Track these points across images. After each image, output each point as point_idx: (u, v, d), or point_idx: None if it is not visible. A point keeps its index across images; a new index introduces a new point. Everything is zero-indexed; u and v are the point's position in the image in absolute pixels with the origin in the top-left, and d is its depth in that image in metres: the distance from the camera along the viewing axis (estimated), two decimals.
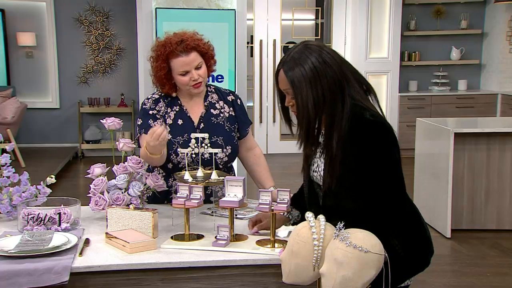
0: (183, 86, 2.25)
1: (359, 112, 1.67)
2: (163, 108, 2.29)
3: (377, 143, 1.65)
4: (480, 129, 4.46)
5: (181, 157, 2.24)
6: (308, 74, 1.66)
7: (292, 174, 6.84)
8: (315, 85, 1.66)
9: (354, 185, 1.67)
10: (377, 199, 1.66)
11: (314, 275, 1.62)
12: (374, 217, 1.66)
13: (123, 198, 2.10)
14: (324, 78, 1.66)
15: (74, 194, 2.38)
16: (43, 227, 1.94)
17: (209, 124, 2.30)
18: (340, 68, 1.69)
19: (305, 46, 1.71)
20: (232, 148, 2.33)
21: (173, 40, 2.21)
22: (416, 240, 1.77)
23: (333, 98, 1.67)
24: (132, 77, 7.37)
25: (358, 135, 1.66)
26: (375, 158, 1.65)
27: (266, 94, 7.81)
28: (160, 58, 2.22)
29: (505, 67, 7.26)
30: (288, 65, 1.70)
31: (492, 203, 4.49)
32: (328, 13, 7.81)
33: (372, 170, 1.65)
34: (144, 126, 2.26)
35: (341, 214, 1.68)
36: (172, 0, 4.67)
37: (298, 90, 1.67)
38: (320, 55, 1.68)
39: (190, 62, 2.20)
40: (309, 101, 1.66)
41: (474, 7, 7.51)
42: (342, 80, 1.69)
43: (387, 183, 1.66)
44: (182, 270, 1.74)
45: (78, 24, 7.48)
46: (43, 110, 7.57)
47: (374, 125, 1.66)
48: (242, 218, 2.14)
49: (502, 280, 3.65)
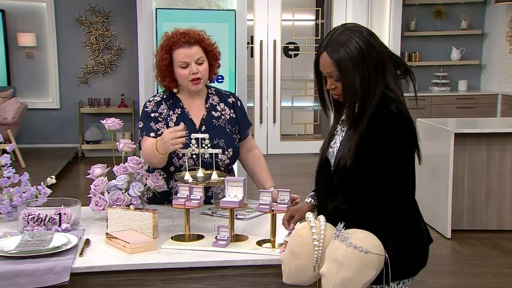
0: (182, 80, 2.24)
1: (386, 101, 1.67)
2: (165, 111, 2.28)
3: (393, 137, 1.65)
4: (480, 129, 4.46)
5: (183, 160, 2.23)
6: (354, 54, 1.65)
7: (292, 175, 6.84)
8: (362, 66, 1.66)
9: (363, 170, 1.65)
10: (380, 190, 1.64)
11: (314, 275, 1.62)
12: (374, 207, 1.65)
13: (124, 198, 2.10)
14: (369, 59, 1.66)
15: (74, 195, 2.38)
16: (43, 228, 1.94)
17: (211, 126, 2.30)
18: (381, 49, 1.70)
19: (345, 28, 1.71)
20: (233, 150, 2.33)
21: (178, 32, 2.25)
22: (410, 246, 1.72)
23: (376, 79, 1.68)
24: (132, 78, 7.37)
25: (378, 124, 1.65)
26: (388, 151, 1.64)
27: (266, 94, 7.81)
28: (164, 49, 2.23)
29: (505, 67, 7.26)
30: (332, 47, 1.68)
31: (492, 204, 4.49)
32: (328, 14, 7.81)
33: (382, 161, 1.64)
34: (146, 128, 2.25)
35: (345, 196, 1.68)
36: (172, 1, 4.67)
37: (345, 71, 1.66)
38: (362, 35, 1.68)
39: (192, 54, 2.21)
40: (356, 81, 1.65)
41: (475, 7, 7.51)
42: (384, 61, 1.70)
43: (393, 178, 1.65)
44: (183, 270, 1.74)
45: (78, 24, 7.48)
46: (44, 110, 7.57)
47: (395, 118, 1.65)
48: (242, 219, 2.14)
49: (503, 281, 3.65)
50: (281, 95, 7.84)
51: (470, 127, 4.57)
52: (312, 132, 8.44)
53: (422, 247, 1.76)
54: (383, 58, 1.70)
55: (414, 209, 1.77)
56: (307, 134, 8.16)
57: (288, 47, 7.96)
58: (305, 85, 8.12)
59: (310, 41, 7.99)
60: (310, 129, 8.37)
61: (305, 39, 7.91)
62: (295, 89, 7.98)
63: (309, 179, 6.91)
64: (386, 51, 1.73)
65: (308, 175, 8.24)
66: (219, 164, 2.27)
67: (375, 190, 1.65)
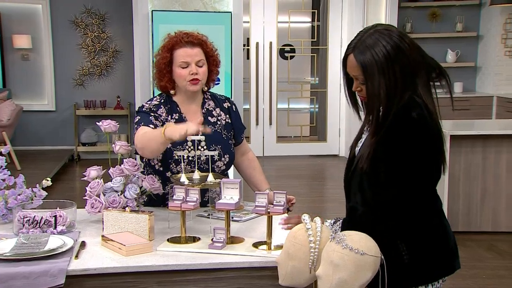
0: (181, 81, 2.23)
1: (409, 106, 1.61)
2: (164, 114, 2.26)
3: (410, 143, 1.59)
4: (476, 131, 4.48)
5: (180, 167, 2.20)
6: (381, 59, 1.59)
7: (288, 176, 6.85)
8: (388, 72, 1.59)
9: (378, 174, 1.62)
10: (394, 196, 1.61)
11: (310, 277, 1.62)
12: (384, 210, 1.63)
13: (119, 200, 2.10)
14: (397, 65, 1.60)
15: (70, 197, 2.37)
16: (38, 230, 1.93)
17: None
18: (411, 53, 1.62)
19: (375, 30, 1.64)
20: (229, 156, 2.33)
21: (181, 32, 2.26)
22: (428, 251, 1.67)
23: (403, 87, 1.61)
24: (128, 80, 7.36)
25: (397, 129, 1.60)
26: (403, 157, 1.59)
27: (262, 96, 7.81)
28: (165, 48, 2.24)
29: (500, 69, 7.28)
30: (358, 49, 1.63)
31: (488, 205, 4.50)
32: (324, 16, 7.82)
33: (397, 166, 1.60)
34: (144, 120, 2.20)
35: (361, 197, 1.67)
36: (168, 3, 4.67)
37: (370, 76, 1.61)
38: (391, 39, 1.61)
39: (193, 55, 2.21)
40: (381, 88, 1.59)
41: (470, 10, 7.54)
42: (414, 67, 1.62)
43: (407, 184, 1.61)
44: (179, 272, 1.74)
45: (74, 26, 7.47)
46: (39, 112, 7.55)
47: (414, 124, 1.60)
48: (238, 221, 2.14)
49: (499, 283, 3.66)
50: (277, 97, 7.85)
51: (466, 129, 4.58)
52: (308, 134, 8.45)
53: (440, 253, 1.70)
54: (412, 64, 1.62)
55: (433, 215, 1.72)
56: (303, 136, 8.16)
57: (284, 49, 7.97)
58: (301, 87, 8.13)
59: (306, 43, 8.00)
60: (306, 131, 8.38)
61: (301, 41, 7.92)
62: (291, 91, 7.99)
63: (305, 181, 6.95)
64: (419, 55, 1.65)
65: (304, 177, 8.25)
66: (215, 170, 2.27)
67: (389, 195, 1.62)
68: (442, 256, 1.71)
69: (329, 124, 7.95)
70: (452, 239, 1.75)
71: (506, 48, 7.25)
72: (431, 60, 1.70)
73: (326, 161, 7.70)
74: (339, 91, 7.89)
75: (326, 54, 7.84)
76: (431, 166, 1.65)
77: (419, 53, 1.67)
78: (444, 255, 1.72)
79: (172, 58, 2.23)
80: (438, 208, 1.76)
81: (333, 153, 7.95)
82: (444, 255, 1.71)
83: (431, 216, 1.71)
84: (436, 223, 1.73)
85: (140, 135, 2.12)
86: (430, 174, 1.67)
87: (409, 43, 1.64)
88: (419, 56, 1.66)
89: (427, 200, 1.69)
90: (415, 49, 1.65)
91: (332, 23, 7.73)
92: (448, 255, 1.73)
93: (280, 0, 7.71)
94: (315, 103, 8.16)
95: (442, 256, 1.71)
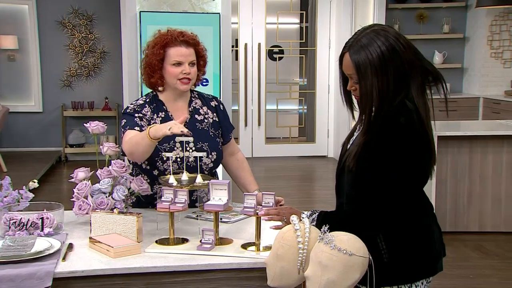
0: (172, 79, 2.24)
1: (398, 110, 1.61)
2: (149, 113, 2.27)
3: (395, 147, 1.59)
4: (462, 132, 4.52)
5: (167, 164, 2.21)
6: (375, 59, 1.60)
7: (277, 177, 6.86)
8: (381, 72, 1.60)
9: (362, 175, 1.63)
10: (377, 197, 1.62)
11: (299, 278, 1.62)
12: (366, 209, 1.64)
13: (107, 202, 2.08)
14: (390, 66, 1.60)
15: (57, 199, 2.35)
16: (25, 232, 1.92)
17: (194, 130, 2.29)
18: (406, 55, 1.62)
19: (372, 30, 1.65)
20: (217, 154, 2.33)
21: (175, 31, 2.26)
22: (407, 251, 1.67)
23: (396, 88, 1.61)
24: (116, 81, 7.33)
25: (384, 132, 1.61)
26: (387, 160, 1.60)
27: (251, 97, 7.82)
28: (158, 45, 2.23)
29: (486, 71, 7.36)
30: (354, 48, 1.63)
31: (474, 206, 4.54)
32: (313, 17, 7.85)
33: (380, 169, 1.60)
34: (130, 123, 2.21)
35: (348, 196, 1.69)
36: (157, 4, 4.66)
37: (363, 76, 1.61)
38: (387, 39, 1.61)
39: (187, 54, 2.23)
40: (374, 89, 1.60)
41: (456, 11, 7.61)
42: (409, 71, 1.62)
43: (390, 186, 1.61)
44: (167, 274, 1.74)
45: (61, 27, 7.42)
46: (26, 114, 7.49)
47: (401, 129, 1.60)
48: (227, 222, 2.14)
49: (485, 282, 3.69)
50: (266, 98, 7.86)
51: (453, 130, 4.62)
52: (297, 135, 8.47)
53: (421, 254, 1.70)
54: (407, 66, 1.62)
55: (417, 217, 1.71)
56: (292, 137, 8.18)
57: (273, 50, 7.98)
58: (290, 88, 8.14)
59: (295, 44, 8.02)
60: (295, 132, 8.40)
61: (289, 42, 7.94)
62: (280, 92, 8.00)
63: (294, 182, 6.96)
64: (415, 58, 1.65)
65: (293, 178, 8.26)
66: (202, 168, 2.27)
67: (372, 195, 1.62)
68: (422, 258, 1.70)
69: (317, 125, 7.97)
70: (437, 243, 1.75)
71: (492, 50, 7.33)
72: (428, 64, 1.70)
73: (314, 162, 7.72)
74: (328, 92, 7.91)
75: (314, 55, 7.86)
76: (416, 170, 1.65)
77: (416, 56, 1.66)
78: (425, 257, 1.71)
79: (164, 56, 2.23)
80: (425, 211, 1.77)
81: (321, 154, 7.97)
82: (424, 257, 1.71)
83: (415, 218, 1.71)
84: (420, 225, 1.72)
85: (127, 141, 2.14)
86: (414, 177, 1.66)
87: (405, 44, 1.64)
88: (415, 59, 1.66)
89: (411, 202, 1.70)
90: (411, 51, 1.65)
91: (320, 24, 7.76)
92: (429, 257, 1.72)
93: (269, 2, 7.73)
94: (304, 104, 8.18)
95: (422, 258, 1.70)
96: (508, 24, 7.28)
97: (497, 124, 5.00)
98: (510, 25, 7.29)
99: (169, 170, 2.13)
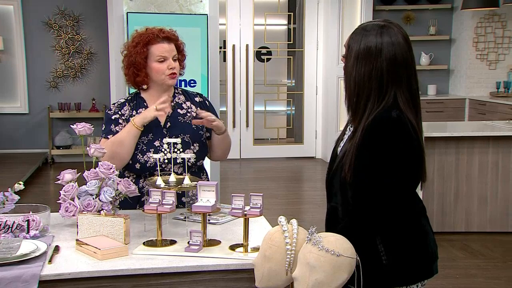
0: (159, 75, 2.28)
1: (388, 109, 1.64)
2: (127, 112, 2.32)
3: (387, 140, 1.61)
4: (449, 133, 4.56)
5: (148, 156, 2.25)
6: (361, 49, 1.67)
7: (265, 179, 6.86)
8: (361, 64, 1.67)
9: (356, 172, 1.64)
10: (372, 197, 1.62)
11: (287, 279, 1.62)
12: (364, 211, 1.64)
13: (94, 204, 2.07)
14: (370, 64, 1.66)
15: (44, 201, 2.34)
16: (10, 235, 1.90)
17: (176, 123, 2.33)
18: (392, 66, 1.65)
19: (382, 25, 1.70)
20: (199, 145, 2.34)
21: (155, 28, 2.31)
22: (406, 253, 1.69)
23: (370, 88, 1.66)
24: (103, 82, 7.29)
25: (375, 128, 1.62)
26: (380, 156, 1.61)
27: (239, 99, 7.82)
28: (140, 44, 2.27)
29: (472, 72, 7.43)
30: (357, 30, 1.72)
31: (461, 206, 4.58)
32: (300, 18, 7.87)
33: (373, 165, 1.61)
34: (106, 131, 2.31)
35: (342, 198, 1.70)
36: (144, 5, 4.64)
37: (349, 58, 1.70)
38: (383, 38, 1.66)
39: (170, 50, 2.29)
40: (351, 75, 1.69)
41: (442, 13, 7.68)
42: (387, 78, 1.65)
43: (384, 185, 1.61)
44: (155, 276, 1.73)
45: (47, 28, 7.36)
46: (12, 115, 7.42)
47: (392, 122, 1.62)
48: (215, 223, 2.14)
49: (471, 282, 3.73)
50: (254, 99, 7.86)
51: (439, 130, 4.66)
52: (285, 136, 8.48)
53: (419, 256, 1.72)
54: (388, 76, 1.65)
55: (413, 218, 1.73)
56: (280, 138, 8.19)
57: (261, 52, 7.98)
58: (278, 89, 8.16)
59: (283, 46, 8.03)
60: (283, 133, 8.41)
61: (277, 44, 7.95)
62: (268, 93, 8.01)
63: (282, 183, 6.97)
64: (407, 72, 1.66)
65: (281, 179, 8.27)
66: (185, 161, 2.26)
67: (367, 196, 1.63)
68: (420, 259, 1.72)
69: (305, 126, 7.99)
70: (432, 244, 1.77)
71: (478, 52, 7.41)
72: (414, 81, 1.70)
73: (303, 163, 7.73)
74: (316, 94, 7.94)
75: (302, 57, 7.88)
76: (411, 166, 1.66)
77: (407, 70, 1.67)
78: (423, 258, 1.73)
79: (148, 53, 2.26)
80: (419, 211, 1.77)
81: (309, 155, 7.99)
82: (422, 258, 1.73)
83: (411, 219, 1.73)
84: (416, 226, 1.74)
85: (108, 146, 2.21)
86: (410, 176, 1.67)
87: (400, 54, 1.66)
88: (404, 73, 1.67)
89: (407, 203, 1.71)
90: (401, 64, 1.66)
91: (308, 25, 7.78)
92: (426, 258, 1.74)
93: (256, 3, 7.74)
94: (292, 106, 8.20)
95: (420, 259, 1.72)
96: (493, 26, 7.37)
97: (483, 125, 5.05)
98: (495, 27, 7.38)
99: (152, 167, 2.13)
